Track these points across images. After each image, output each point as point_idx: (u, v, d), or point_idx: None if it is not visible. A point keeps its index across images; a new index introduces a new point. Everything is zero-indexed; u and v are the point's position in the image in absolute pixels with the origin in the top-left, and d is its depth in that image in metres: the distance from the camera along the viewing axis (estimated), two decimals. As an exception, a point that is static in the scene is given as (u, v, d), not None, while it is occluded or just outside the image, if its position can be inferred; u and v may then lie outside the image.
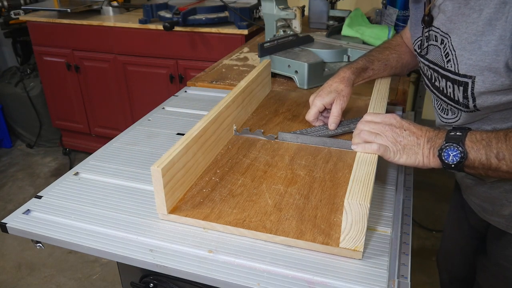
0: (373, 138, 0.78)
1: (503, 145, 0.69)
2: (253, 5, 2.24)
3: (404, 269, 0.69)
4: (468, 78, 0.75)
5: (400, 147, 0.77)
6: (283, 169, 0.90)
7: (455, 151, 0.71)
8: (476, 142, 0.71)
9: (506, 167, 0.69)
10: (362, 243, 0.67)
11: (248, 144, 1.00)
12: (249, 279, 0.66)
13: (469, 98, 0.77)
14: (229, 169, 0.91)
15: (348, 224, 0.66)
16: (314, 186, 0.84)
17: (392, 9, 1.80)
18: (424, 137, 0.76)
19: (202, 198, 0.81)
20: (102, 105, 2.73)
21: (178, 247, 0.72)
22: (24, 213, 0.81)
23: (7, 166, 3.02)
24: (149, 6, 2.33)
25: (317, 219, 0.75)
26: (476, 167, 0.71)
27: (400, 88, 1.36)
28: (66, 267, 2.13)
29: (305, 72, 1.31)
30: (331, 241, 0.70)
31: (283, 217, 0.76)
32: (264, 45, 1.36)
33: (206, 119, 0.90)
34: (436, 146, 0.73)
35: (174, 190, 0.79)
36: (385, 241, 0.73)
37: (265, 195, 0.82)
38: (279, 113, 1.16)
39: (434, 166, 0.75)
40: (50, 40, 2.64)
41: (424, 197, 2.27)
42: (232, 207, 0.79)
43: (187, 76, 2.37)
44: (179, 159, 0.79)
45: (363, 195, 0.66)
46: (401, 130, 0.78)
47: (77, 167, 0.96)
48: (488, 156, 0.69)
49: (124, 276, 0.90)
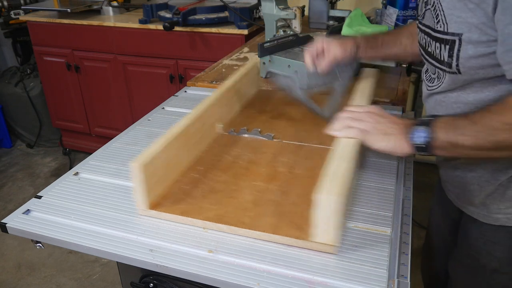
0: (354, 123, 0.82)
1: (464, 122, 0.75)
2: (253, 5, 2.24)
3: (404, 269, 0.69)
4: (456, 35, 0.78)
5: (381, 132, 0.81)
6: (264, 166, 0.91)
7: (424, 132, 0.76)
8: (443, 123, 0.76)
9: (468, 143, 0.74)
10: (336, 237, 0.68)
11: (232, 142, 1.01)
12: (249, 279, 0.66)
13: (454, 57, 0.79)
14: (212, 166, 0.92)
15: (321, 219, 0.67)
16: (294, 183, 0.85)
17: (392, 9, 1.80)
18: (402, 124, 0.81)
19: (184, 195, 0.83)
20: (102, 105, 2.73)
21: (178, 247, 0.72)
22: (24, 213, 0.81)
23: (7, 166, 3.02)
24: (149, 6, 2.33)
25: (294, 214, 0.76)
26: (444, 147, 0.76)
27: (400, 88, 1.36)
28: (66, 267, 2.13)
29: (305, 72, 1.31)
30: (306, 235, 0.71)
31: (261, 213, 0.77)
32: (264, 45, 1.36)
33: (189, 117, 0.91)
34: (409, 130, 0.79)
35: (155, 186, 0.80)
36: (385, 241, 0.73)
37: (245, 192, 0.83)
38: (265, 111, 1.18)
39: (408, 151, 0.79)
40: (50, 40, 2.64)
41: (424, 197, 2.27)
42: (212, 203, 0.80)
43: (187, 76, 2.37)
44: (160, 156, 0.80)
45: (335, 190, 0.66)
46: (381, 117, 0.83)
47: (77, 167, 0.96)
48: (454, 133, 0.75)
49: (124, 276, 0.90)
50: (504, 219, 0.89)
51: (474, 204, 0.93)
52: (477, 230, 0.94)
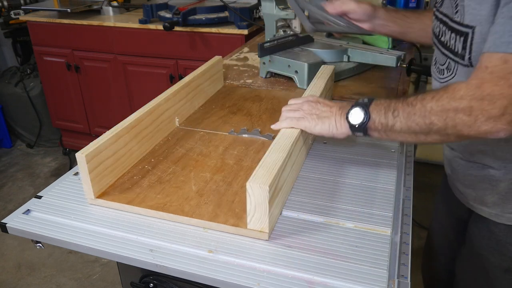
0: (292, 114, 0.88)
1: (399, 104, 0.76)
2: (253, 5, 2.24)
3: (404, 269, 0.69)
4: (469, 28, 0.78)
5: (315, 116, 0.85)
6: (214, 159, 0.94)
7: (360, 112, 0.79)
8: (379, 105, 0.79)
9: (399, 124, 0.75)
10: (266, 224, 0.71)
11: (188, 135, 1.04)
12: (249, 279, 0.66)
13: (467, 49, 0.80)
14: (163, 158, 0.95)
15: (252, 207, 0.70)
16: (240, 174, 0.89)
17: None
18: (336, 106, 0.85)
19: (131, 185, 0.86)
20: (102, 105, 2.73)
21: (178, 247, 0.72)
22: (24, 213, 0.81)
23: (7, 166, 3.02)
24: (149, 6, 2.33)
25: (234, 203, 0.80)
26: (377, 128, 0.78)
27: (400, 88, 1.36)
28: (66, 267, 2.13)
29: (305, 72, 1.31)
30: (241, 223, 0.74)
31: (203, 201, 0.80)
32: (264, 45, 1.36)
33: (142, 110, 0.94)
34: (345, 111, 0.82)
35: (103, 176, 0.83)
36: (385, 241, 0.73)
37: (191, 182, 0.86)
38: (224, 107, 1.21)
39: (345, 131, 0.82)
40: (50, 40, 2.64)
41: (424, 197, 2.27)
42: (157, 193, 0.83)
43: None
44: (107, 147, 0.82)
45: (264, 179, 0.69)
46: (316, 104, 0.87)
47: (77, 167, 0.96)
48: (386, 115, 0.77)
49: (124, 276, 0.90)
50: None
51: (487, 204, 0.92)
52: (489, 230, 0.93)
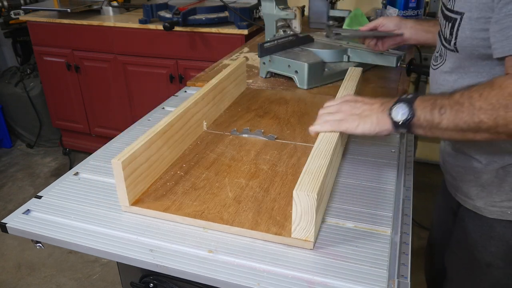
0: (330, 117, 0.84)
1: (445, 101, 0.73)
2: (253, 5, 2.24)
3: (404, 269, 0.69)
4: (458, 14, 0.79)
5: (356, 117, 0.80)
6: (247, 164, 0.92)
7: (404, 109, 0.75)
8: (424, 101, 0.75)
9: (446, 122, 0.72)
10: (312, 233, 0.69)
11: (217, 139, 1.03)
12: (249, 279, 0.66)
13: (454, 34, 0.80)
14: (195, 163, 0.93)
15: (298, 215, 0.68)
16: (275, 180, 0.86)
17: (392, 9, 1.80)
18: (377, 103, 0.81)
19: (165, 191, 0.84)
20: (102, 105, 2.73)
21: (178, 247, 0.72)
22: (24, 213, 0.81)
23: (7, 166, 3.02)
24: (149, 6, 2.33)
25: (274, 211, 0.77)
26: (422, 125, 0.75)
27: (400, 88, 1.36)
28: (66, 267, 2.13)
29: (305, 72, 1.31)
30: (284, 231, 0.72)
31: (241, 209, 0.78)
32: (264, 45, 1.36)
33: (173, 115, 0.92)
34: (387, 107, 0.78)
35: (137, 183, 0.81)
36: (385, 241, 0.73)
37: (226, 188, 0.84)
38: (250, 110, 1.18)
39: (388, 128, 0.78)
40: (50, 40, 2.64)
41: (424, 197, 2.27)
42: (193, 200, 0.81)
43: (187, 76, 2.37)
44: (142, 153, 0.81)
45: (311, 187, 0.67)
46: (356, 103, 0.83)
47: (77, 167, 0.96)
48: (432, 112, 0.73)
49: (124, 276, 0.90)
50: (499, 212, 0.89)
51: (471, 197, 0.93)
52: (473, 223, 0.94)
